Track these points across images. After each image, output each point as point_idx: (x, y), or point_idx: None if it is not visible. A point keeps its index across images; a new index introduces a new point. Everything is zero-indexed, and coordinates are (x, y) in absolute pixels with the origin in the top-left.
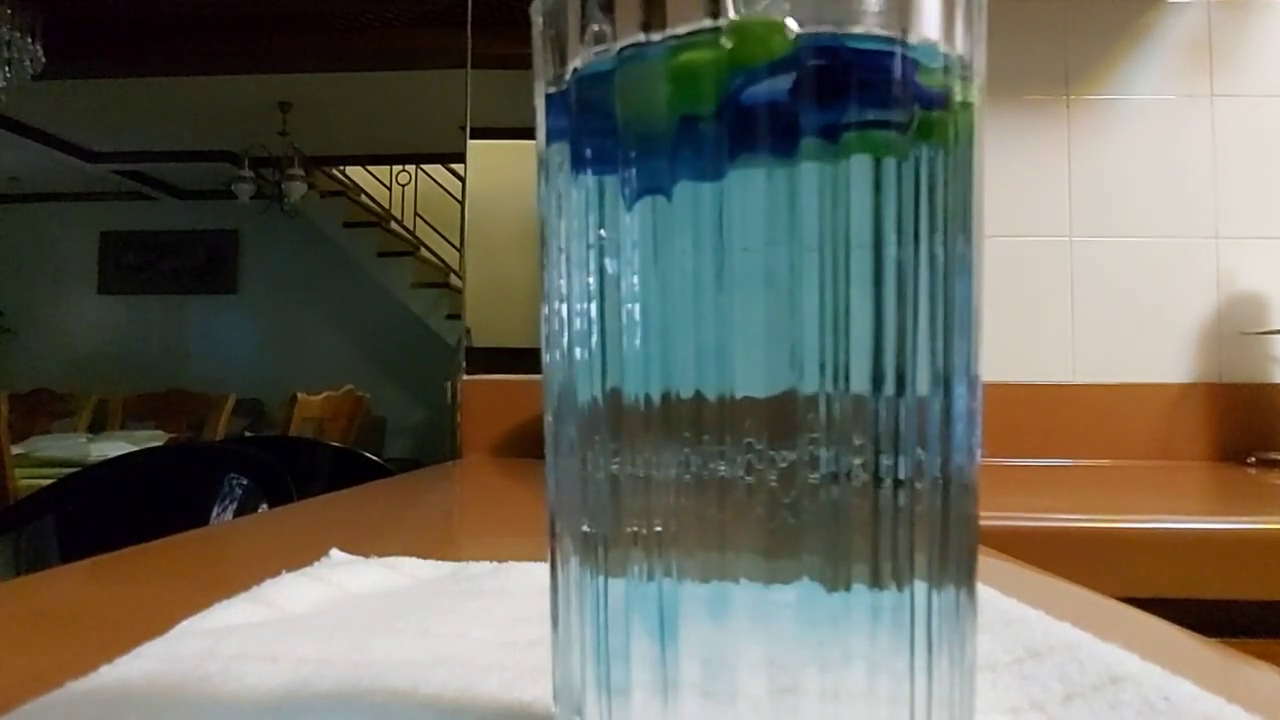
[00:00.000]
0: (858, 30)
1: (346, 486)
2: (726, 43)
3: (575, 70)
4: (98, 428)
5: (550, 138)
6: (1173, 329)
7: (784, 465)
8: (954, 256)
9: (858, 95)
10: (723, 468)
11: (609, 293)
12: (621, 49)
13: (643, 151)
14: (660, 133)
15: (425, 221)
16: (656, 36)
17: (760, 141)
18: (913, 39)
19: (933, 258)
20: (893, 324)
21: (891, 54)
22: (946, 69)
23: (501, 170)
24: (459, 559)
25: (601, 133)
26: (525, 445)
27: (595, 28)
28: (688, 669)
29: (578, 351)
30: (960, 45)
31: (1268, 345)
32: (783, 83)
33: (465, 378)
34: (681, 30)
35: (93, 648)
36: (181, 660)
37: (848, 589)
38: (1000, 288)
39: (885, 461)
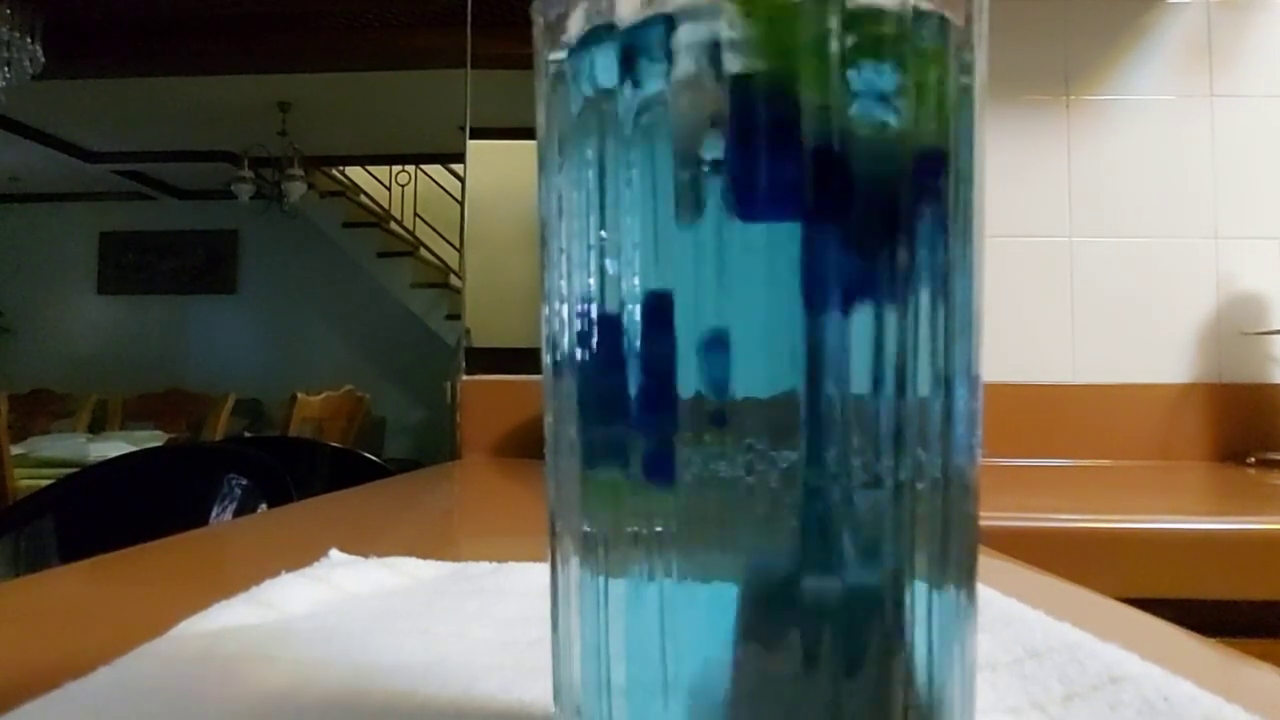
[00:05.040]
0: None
1: (346, 487)
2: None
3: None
4: (97, 428)
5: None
6: (1173, 329)
7: (784, 465)
8: (954, 257)
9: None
10: (723, 468)
11: (609, 293)
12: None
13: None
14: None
15: (425, 222)
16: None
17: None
18: (914, 13)
19: (933, 258)
20: (893, 324)
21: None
22: (944, 41)
23: (501, 170)
24: (459, 559)
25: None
26: (525, 445)
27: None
28: (687, 669)
29: (578, 352)
30: (961, 37)
31: (1268, 345)
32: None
33: (465, 378)
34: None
35: (92, 648)
36: (181, 661)
37: (848, 590)
38: (1000, 288)
39: (885, 462)
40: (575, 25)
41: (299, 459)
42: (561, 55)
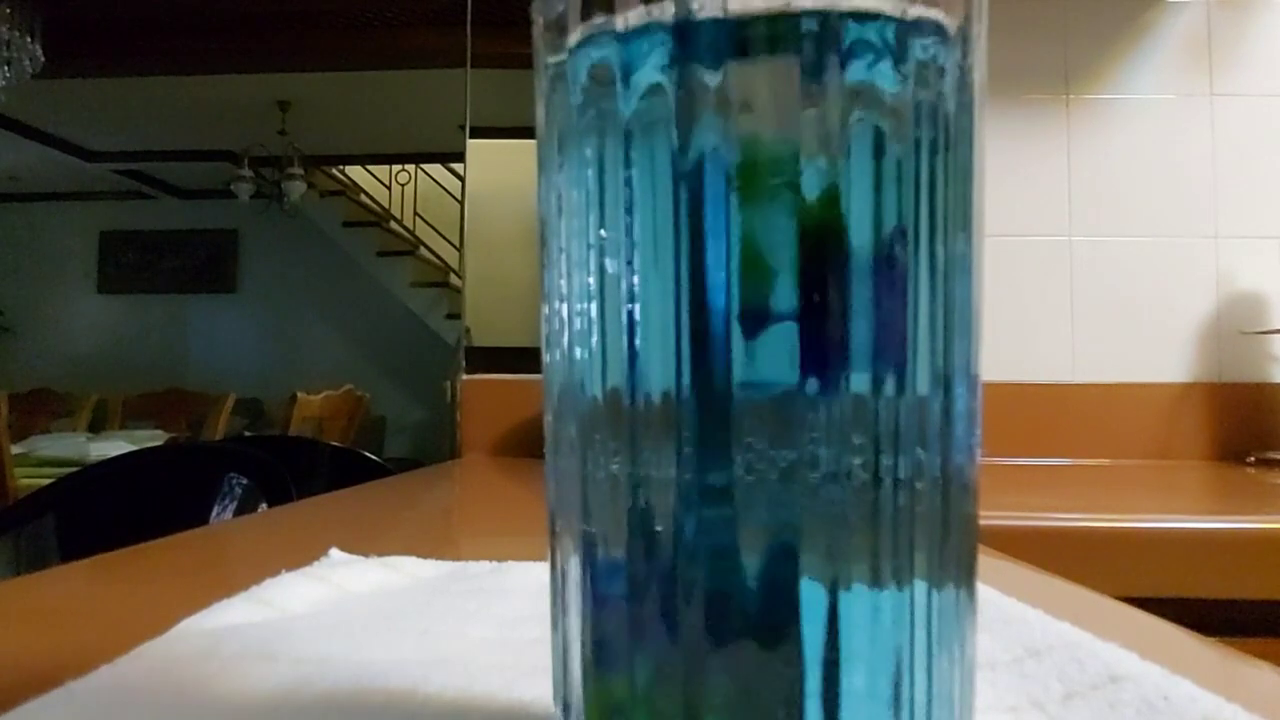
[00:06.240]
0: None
1: (346, 486)
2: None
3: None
4: (97, 427)
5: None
6: (1173, 329)
7: (784, 465)
8: (954, 256)
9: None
10: (723, 466)
11: (609, 293)
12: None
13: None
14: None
15: (425, 221)
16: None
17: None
18: (913, 13)
19: (933, 258)
20: (893, 323)
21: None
22: (947, 53)
23: (501, 170)
24: (459, 559)
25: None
26: (525, 445)
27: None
28: (686, 669)
29: (578, 351)
30: (960, 37)
31: (1267, 345)
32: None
33: (465, 377)
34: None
35: (93, 648)
36: (181, 660)
37: (848, 589)
38: (1000, 288)
39: (885, 461)
40: (574, 24)
41: (299, 458)
42: (561, 55)
